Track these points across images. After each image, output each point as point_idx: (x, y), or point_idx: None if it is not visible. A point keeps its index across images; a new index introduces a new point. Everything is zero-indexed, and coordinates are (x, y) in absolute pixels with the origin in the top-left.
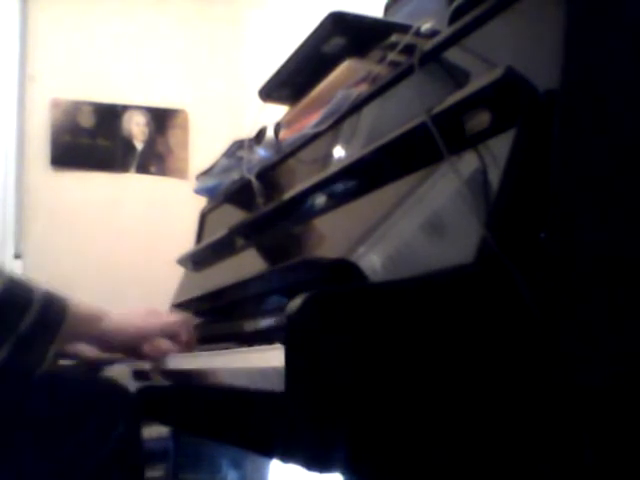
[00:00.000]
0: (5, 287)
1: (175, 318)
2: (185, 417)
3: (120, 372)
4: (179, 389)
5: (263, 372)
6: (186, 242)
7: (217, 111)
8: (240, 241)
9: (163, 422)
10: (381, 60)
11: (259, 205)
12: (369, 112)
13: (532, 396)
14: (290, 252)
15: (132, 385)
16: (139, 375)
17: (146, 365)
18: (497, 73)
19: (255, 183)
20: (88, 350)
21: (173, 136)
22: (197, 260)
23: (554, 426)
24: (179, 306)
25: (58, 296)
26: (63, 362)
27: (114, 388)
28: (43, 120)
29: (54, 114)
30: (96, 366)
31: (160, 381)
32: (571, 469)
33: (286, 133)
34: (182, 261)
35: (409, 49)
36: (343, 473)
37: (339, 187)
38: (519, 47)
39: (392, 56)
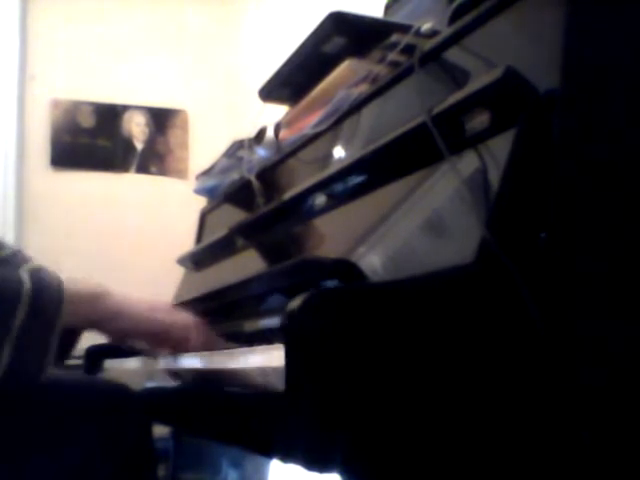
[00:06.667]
0: None
1: (186, 321)
2: (185, 417)
3: (121, 372)
4: (179, 389)
5: (263, 372)
6: (186, 242)
7: (217, 111)
8: (240, 241)
9: (163, 422)
10: (381, 60)
11: (259, 205)
12: (369, 112)
13: (532, 396)
14: (290, 252)
15: (135, 385)
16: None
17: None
18: (497, 73)
19: (255, 183)
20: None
21: (173, 136)
22: (197, 260)
23: (554, 426)
24: (179, 306)
25: (50, 278)
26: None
27: (119, 389)
28: (43, 120)
29: (54, 114)
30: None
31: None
32: (571, 469)
33: (286, 133)
34: (182, 261)
35: (409, 49)
36: (342, 473)
37: (339, 187)
38: (519, 47)
39: (392, 56)
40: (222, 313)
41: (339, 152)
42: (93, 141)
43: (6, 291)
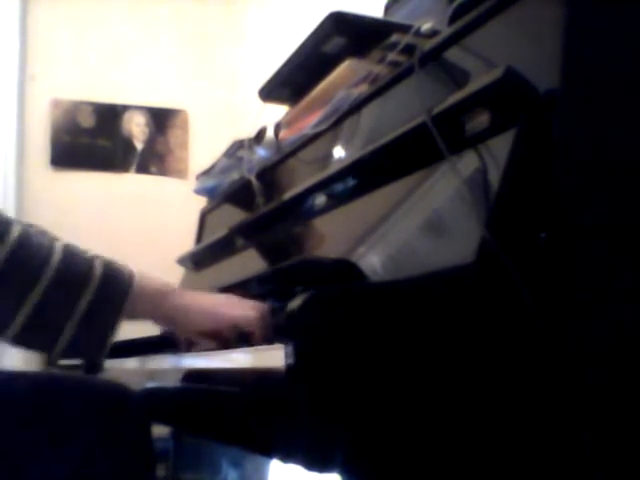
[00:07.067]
0: (61, 262)
1: (252, 314)
2: (185, 417)
3: (121, 372)
4: (179, 389)
5: (263, 372)
6: (186, 242)
7: (217, 111)
8: (240, 241)
9: (162, 422)
10: (381, 60)
11: (259, 205)
12: (369, 112)
13: (532, 396)
14: (290, 252)
15: (135, 385)
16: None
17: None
18: (497, 73)
19: (255, 183)
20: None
21: (173, 136)
22: (197, 260)
23: (554, 426)
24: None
25: (119, 268)
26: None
27: (119, 389)
28: (43, 120)
29: (54, 114)
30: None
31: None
32: (571, 468)
33: (286, 133)
34: (182, 261)
35: (409, 49)
36: (342, 473)
37: (339, 187)
38: (519, 47)
39: (392, 56)
40: None
41: (339, 152)
42: (93, 141)
43: (73, 275)
